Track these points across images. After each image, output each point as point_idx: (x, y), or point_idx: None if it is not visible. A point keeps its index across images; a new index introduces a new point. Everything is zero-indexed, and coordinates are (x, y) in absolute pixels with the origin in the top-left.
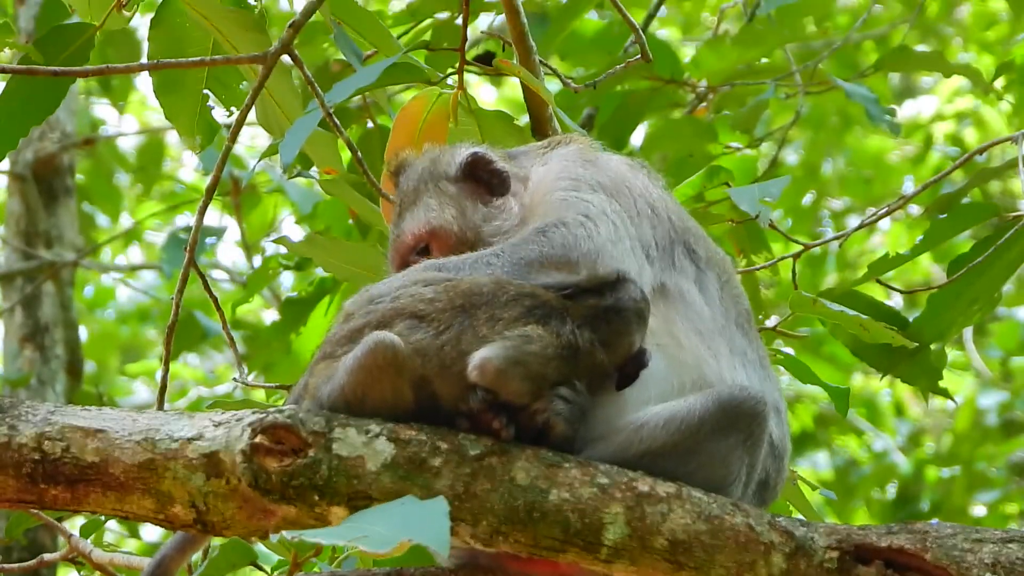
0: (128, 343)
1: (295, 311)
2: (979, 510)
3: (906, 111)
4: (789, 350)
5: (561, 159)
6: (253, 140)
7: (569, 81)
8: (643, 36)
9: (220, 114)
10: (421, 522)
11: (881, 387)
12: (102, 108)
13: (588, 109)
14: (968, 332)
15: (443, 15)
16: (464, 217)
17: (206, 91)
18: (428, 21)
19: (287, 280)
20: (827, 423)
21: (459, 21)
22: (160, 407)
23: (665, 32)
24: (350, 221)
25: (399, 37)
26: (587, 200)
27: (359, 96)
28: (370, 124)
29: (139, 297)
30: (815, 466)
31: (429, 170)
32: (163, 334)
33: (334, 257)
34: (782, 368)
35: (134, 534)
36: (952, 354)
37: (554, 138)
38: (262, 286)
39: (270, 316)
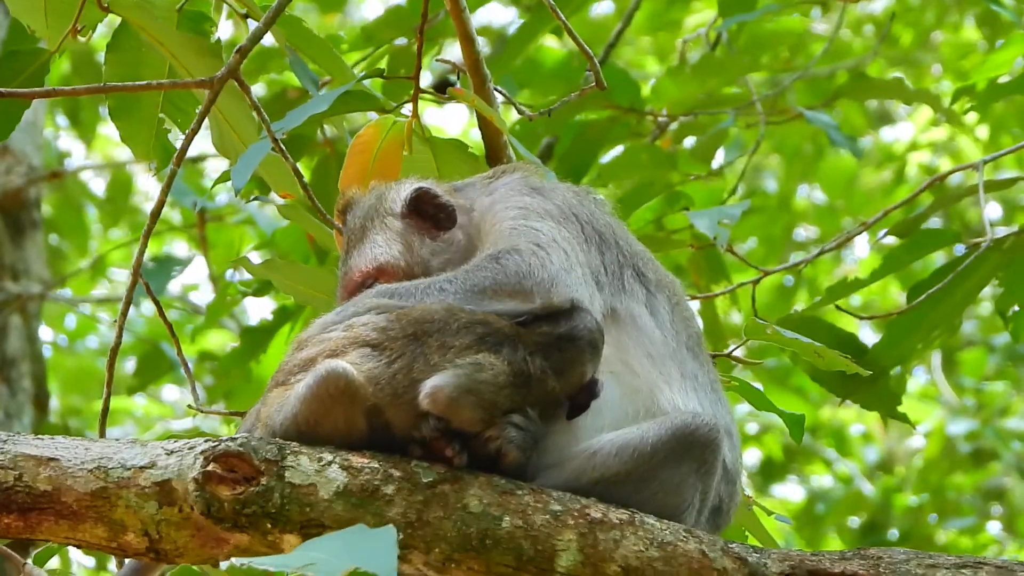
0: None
1: (255, 339)
2: (946, 538)
3: (883, 139)
4: (757, 384)
5: (507, 188)
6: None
7: (524, 109)
8: (597, 63)
9: (177, 137)
10: (369, 550)
11: (851, 418)
12: (69, 142)
13: (547, 139)
14: (936, 360)
15: (400, 41)
16: (411, 252)
17: (162, 115)
18: (385, 47)
19: (251, 310)
20: (795, 453)
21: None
22: (102, 434)
23: (640, 61)
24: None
25: (356, 63)
26: (536, 228)
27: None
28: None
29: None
30: (785, 496)
31: (375, 207)
32: (135, 366)
33: (293, 280)
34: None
35: (103, 567)
36: (921, 381)
37: (498, 168)
38: (221, 314)
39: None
